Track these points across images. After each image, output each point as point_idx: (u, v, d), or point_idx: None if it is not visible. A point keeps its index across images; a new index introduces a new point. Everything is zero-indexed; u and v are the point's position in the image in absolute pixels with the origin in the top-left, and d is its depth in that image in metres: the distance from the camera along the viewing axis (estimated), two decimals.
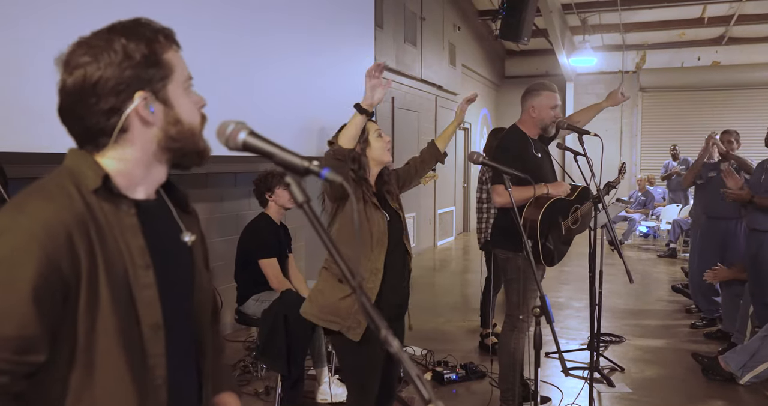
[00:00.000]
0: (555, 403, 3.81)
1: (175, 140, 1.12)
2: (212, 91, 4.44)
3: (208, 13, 4.14)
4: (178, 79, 1.13)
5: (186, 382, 1.21)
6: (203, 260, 1.30)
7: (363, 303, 0.93)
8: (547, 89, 3.49)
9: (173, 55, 1.13)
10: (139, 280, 1.08)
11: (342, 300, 2.47)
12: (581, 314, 5.93)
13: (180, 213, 1.24)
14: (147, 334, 1.08)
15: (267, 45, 4.79)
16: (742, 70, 13.05)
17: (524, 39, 7.94)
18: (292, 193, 0.96)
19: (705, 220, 5.51)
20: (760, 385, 4.08)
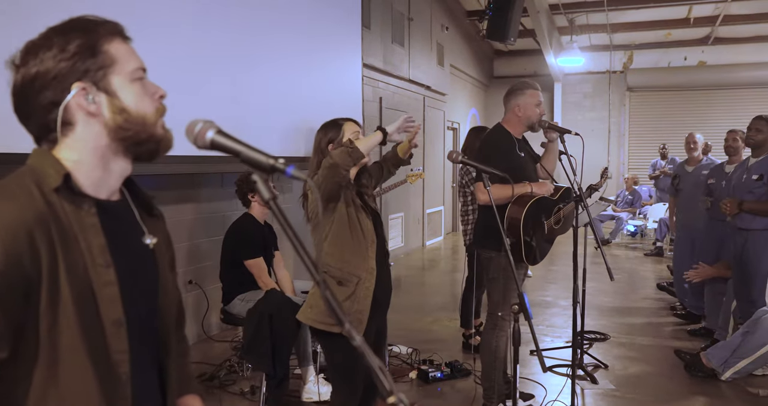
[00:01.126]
0: (538, 400, 3.83)
1: (125, 129, 1.12)
2: (199, 92, 4.46)
3: (195, 13, 4.14)
4: (124, 70, 1.13)
5: (149, 380, 1.22)
6: (168, 263, 1.32)
7: (327, 298, 0.94)
8: (530, 87, 3.52)
9: (117, 46, 1.13)
10: (100, 278, 1.09)
11: (342, 302, 2.52)
12: (567, 312, 5.97)
13: (144, 216, 1.25)
14: (109, 330, 1.09)
15: (254, 45, 4.79)
16: (728, 70, 13.17)
17: (511, 39, 7.98)
18: (259, 190, 0.98)
19: (707, 221, 5.53)
20: (741, 381, 4.12)
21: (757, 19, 11.70)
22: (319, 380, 3.76)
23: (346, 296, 2.53)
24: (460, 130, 12.63)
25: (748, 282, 4.43)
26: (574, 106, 14.25)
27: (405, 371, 4.29)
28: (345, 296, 2.53)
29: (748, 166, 4.54)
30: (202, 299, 4.87)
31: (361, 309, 2.54)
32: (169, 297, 1.27)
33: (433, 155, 10.71)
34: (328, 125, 2.71)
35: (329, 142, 2.64)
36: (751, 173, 4.45)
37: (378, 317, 2.69)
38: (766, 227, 4.35)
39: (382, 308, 2.73)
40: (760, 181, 4.35)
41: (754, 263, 4.39)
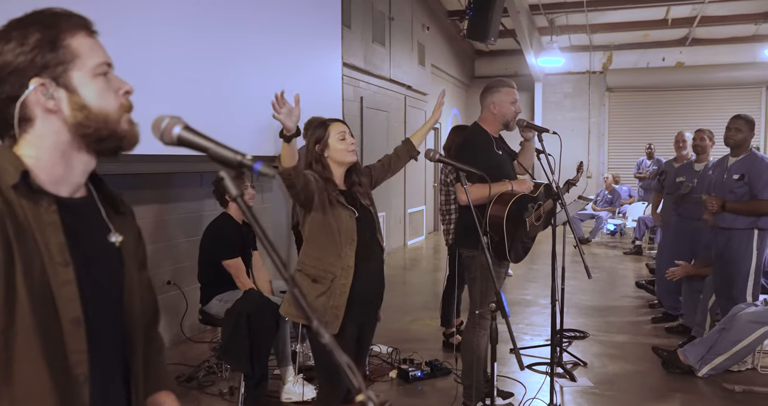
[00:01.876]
0: (518, 397, 3.85)
1: (85, 126, 1.10)
2: (177, 90, 4.42)
3: (172, 11, 4.10)
4: (87, 65, 1.10)
5: (111, 379, 1.20)
6: (138, 262, 1.29)
7: (296, 295, 0.93)
8: (505, 85, 3.52)
9: (81, 40, 1.10)
10: (58, 277, 1.06)
11: (317, 298, 2.57)
12: (547, 311, 5.98)
13: (111, 213, 1.22)
14: (67, 329, 1.06)
15: (233, 44, 4.76)
16: (705, 70, 13.34)
17: (491, 39, 8.01)
18: (226, 187, 0.97)
19: (677, 219, 5.61)
20: (717, 377, 4.17)
21: (733, 20, 11.87)
22: (298, 381, 3.74)
23: (320, 292, 2.58)
24: (441, 130, 12.65)
25: (730, 281, 4.47)
26: (554, 106, 14.34)
27: (385, 370, 4.28)
28: (319, 293, 2.58)
29: (727, 166, 4.56)
30: (180, 300, 4.83)
31: (336, 305, 2.58)
32: (135, 296, 1.25)
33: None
34: (313, 125, 2.76)
35: (316, 142, 2.66)
36: (731, 173, 4.48)
37: (362, 314, 2.71)
38: (747, 226, 4.39)
39: (366, 305, 2.73)
40: (741, 181, 4.40)
41: (736, 262, 4.43)
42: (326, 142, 2.65)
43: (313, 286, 2.59)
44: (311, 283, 2.60)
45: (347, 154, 2.66)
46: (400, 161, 3.10)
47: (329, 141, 2.65)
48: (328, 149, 2.65)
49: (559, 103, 14.44)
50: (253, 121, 4.92)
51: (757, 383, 4.12)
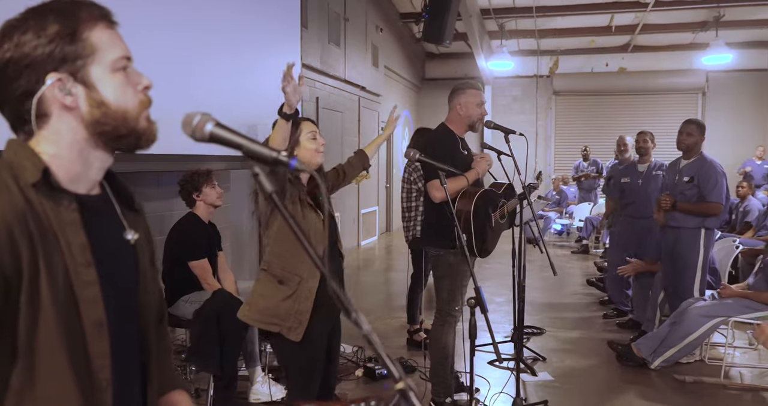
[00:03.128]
0: (483, 393, 3.93)
1: (103, 124, 1.06)
2: None
3: (126, 9, 4.01)
4: (106, 59, 1.05)
5: (130, 382, 1.17)
6: (149, 259, 1.26)
7: (334, 289, 0.95)
8: (472, 87, 3.61)
9: (101, 33, 1.06)
10: (80, 277, 1.03)
11: (283, 301, 2.46)
12: (503, 309, 6.15)
13: (124, 210, 1.20)
14: (90, 332, 1.04)
15: (191, 43, 4.69)
16: (647, 76, 13.88)
17: (447, 41, 8.13)
18: (261, 183, 0.98)
19: (624, 218, 5.83)
20: (669, 368, 4.37)
21: (673, 28, 12.40)
22: (266, 381, 3.73)
23: (286, 295, 2.47)
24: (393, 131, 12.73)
25: (679, 277, 4.69)
26: (503, 109, 14.65)
27: (351, 369, 4.31)
28: (286, 296, 2.47)
29: (679, 169, 4.78)
30: None
31: (301, 309, 2.47)
32: (149, 295, 1.22)
33: None
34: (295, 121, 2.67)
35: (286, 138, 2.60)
36: (682, 175, 4.70)
37: (328, 321, 2.64)
38: (695, 225, 4.61)
39: (331, 311, 2.63)
40: (691, 183, 4.62)
41: (684, 259, 4.64)
42: (297, 139, 2.56)
43: (279, 288, 2.48)
44: (277, 284, 2.49)
45: (316, 154, 2.61)
46: (354, 171, 3.10)
47: (300, 139, 2.57)
48: (299, 147, 2.57)
49: (508, 106, 14.75)
50: None
51: (705, 373, 4.34)
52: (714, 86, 13.80)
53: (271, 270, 2.52)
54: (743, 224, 7.47)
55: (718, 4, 10.29)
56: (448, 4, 7.92)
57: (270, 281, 2.51)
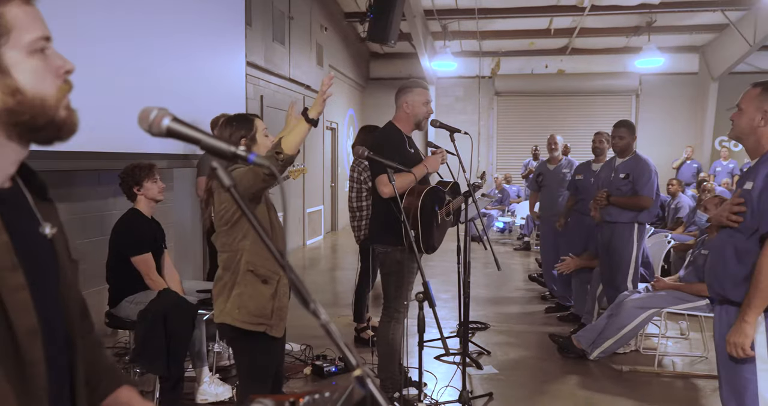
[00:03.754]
0: (430, 387, 4.00)
1: (19, 113, 0.95)
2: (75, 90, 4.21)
3: (68, 7, 3.91)
4: (21, 40, 0.94)
5: (63, 387, 1.10)
6: (66, 252, 1.16)
7: (293, 280, 0.98)
8: (419, 86, 3.68)
9: (17, 10, 0.94)
10: (7, 282, 0.93)
11: (270, 301, 2.50)
12: (449, 305, 6.25)
13: (37, 201, 1.08)
14: (23, 341, 0.95)
15: (134, 41, 4.59)
16: (584, 78, 14.35)
17: (391, 42, 8.20)
18: (219, 177, 0.99)
19: (573, 214, 6.01)
20: (607, 359, 4.55)
21: (608, 32, 12.86)
22: (214, 381, 3.69)
23: (270, 294, 2.50)
24: (338, 130, 12.75)
25: (614, 270, 4.89)
26: (447, 109, 14.85)
27: (299, 367, 4.31)
28: (270, 295, 2.50)
29: (615, 167, 5.01)
30: None
31: (282, 306, 2.54)
32: (71, 289, 1.14)
33: (312, 155, 10.73)
34: (238, 120, 2.65)
35: (242, 136, 2.59)
36: (618, 173, 4.93)
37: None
38: (629, 220, 4.83)
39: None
40: (627, 180, 4.85)
41: (619, 253, 4.85)
42: (254, 137, 2.59)
43: (264, 287, 2.50)
44: (261, 284, 2.50)
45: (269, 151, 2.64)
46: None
47: (257, 136, 2.59)
48: (256, 145, 2.59)
49: (451, 106, 14.97)
50: None
51: (640, 362, 4.54)
52: (647, 89, 14.38)
53: (256, 271, 2.51)
54: (675, 220, 7.82)
55: (650, 9, 10.73)
56: (392, 4, 7.99)
57: (255, 281, 2.51)
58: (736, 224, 2.35)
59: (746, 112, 2.43)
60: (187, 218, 6.03)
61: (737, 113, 2.47)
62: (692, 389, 4.14)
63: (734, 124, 2.50)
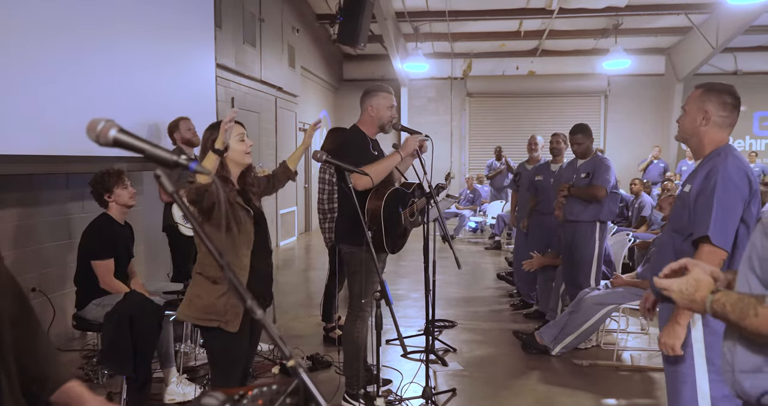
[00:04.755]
0: (395, 384, 4.09)
1: None
2: (44, 90, 4.23)
3: (34, 7, 3.93)
4: None
5: None
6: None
7: (231, 279, 1.06)
8: (384, 90, 3.76)
9: None
10: None
11: (218, 299, 2.64)
12: (418, 304, 6.36)
13: None
14: None
15: (103, 44, 4.61)
16: (554, 79, 14.58)
17: (361, 44, 8.28)
18: (162, 184, 1.07)
19: (534, 215, 6.16)
20: (569, 354, 4.69)
21: (577, 34, 13.09)
22: (182, 381, 3.74)
23: (221, 293, 2.64)
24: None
25: (576, 268, 5.04)
26: (419, 110, 14.98)
27: (267, 366, 4.37)
28: (220, 293, 2.64)
29: (576, 167, 5.19)
30: (47, 307, 4.60)
31: (236, 303, 2.65)
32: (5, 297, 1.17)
33: (285, 156, 10.70)
34: (214, 126, 2.75)
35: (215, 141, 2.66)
36: (579, 172, 5.09)
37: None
38: (590, 219, 4.99)
39: (260, 302, 2.85)
40: (587, 178, 5.01)
41: (581, 251, 5.00)
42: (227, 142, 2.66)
43: (214, 287, 2.65)
44: (211, 284, 2.65)
45: (245, 155, 2.77)
46: (280, 183, 3.29)
47: (230, 142, 2.68)
48: (229, 149, 2.69)
49: (423, 107, 15.10)
50: (124, 122, 4.79)
51: (600, 357, 4.69)
52: (615, 90, 14.65)
53: (205, 273, 2.68)
54: (638, 219, 8.02)
55: (617, 12, 10.96)
56: (362, 7, 8.07)
57: (204, 282, 2.67)
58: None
59: (689, 114, 2.49)
60: (157, 220, 6.04)
61: (682, 115, 2.56)
62: (649, 382, 4.28)
63: (679, 126, 2.58)
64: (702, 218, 2.34)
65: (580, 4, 10.46)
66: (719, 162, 2.39)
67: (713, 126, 2.45)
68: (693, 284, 1.59)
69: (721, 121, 2.45)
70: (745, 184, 2.37)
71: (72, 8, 4.28)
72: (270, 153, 9.89)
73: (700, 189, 2.40)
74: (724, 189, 2.33)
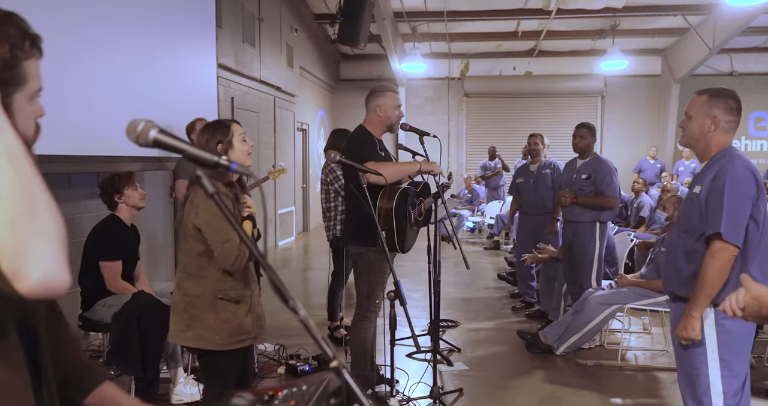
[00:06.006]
0: (402, 384, 4.10)
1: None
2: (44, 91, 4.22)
3: (34, 6, 3.91)
4: (29, 90, 1.05)
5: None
6: None
7: (274, 280, 1.06)
8: (391, 90, 3.76)
9: (33, 64, 1.05)
10: None
11: (246, 317, 2.58)
12: (420, 304, 6.36)
13: None
14: None
15: (105, 44, 4.60)
16: (551, 79, 14.61)
17: (362, 44, 8.28)
18: (203, 185, 1.07)
19: (521, 216, 6.20)
20: (572, 354, 4.71)
21: (574, 35, 13.12)
22: (189, 381, 3.73)
23: (246, 311, 2.58)
24: (309, 132, 12.79)
25: (577, 268, 5.06)
26: (417, 110, 14.99)
27: (273, 367, 4.37)
28: (245, 312, 2.58)
29: (576, 168, 5.19)
30: None
31: (259, 315, 2.64)
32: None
33: (283, 156, 10.76)
34: (215, 126, 2.67)
35: (219, 142, 2.59)
36: (579, 173, 5.10)
37: None
38: (591, 219, 5.01)
39: None
40: (588, 180, 5.02)
41: (582, 251, 5.03)
42: (231, 142, 2.60)
43: (238, 307, 2.56)
44: (235, 305, 2.56)
45: (246, 156, 2.65)
46: None
47: (234, 141, 2.61)
48: (232, 150, 2.59)
49: (421, 107, 15.11)
50: (125, 122, 4.78)
51: (604, 357, 4.71)
52: (612, 90, 14.70)
53: (227, 296, 2.56)
54: (637, 219, 8.05)
55: (615, 13, 11.00)
56: (362, 7, 8.07)
57: (227, 305, 2.56)
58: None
59: (696, 119, 2.54)
60: (159, 220, 6.03)
61: (686, 120, 2.60)
62: (653, 381, 4.30)
63: (684, 131, 2.62)
64: (714, 216, 2.41)
65: (578, 4, 10.49)
66: (726, 163, 2.46)
67: (721, 130, 2.53)
68: (755, 303, 1.63)
69: (728, 126, 2.53)
70: (752, 183, 2.44)
71: (72, 8, 4.26)
72: (269, 153, 9.88)
73: (710, 189, 2.46)
74: (732, 188, 2.40)
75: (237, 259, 2.44)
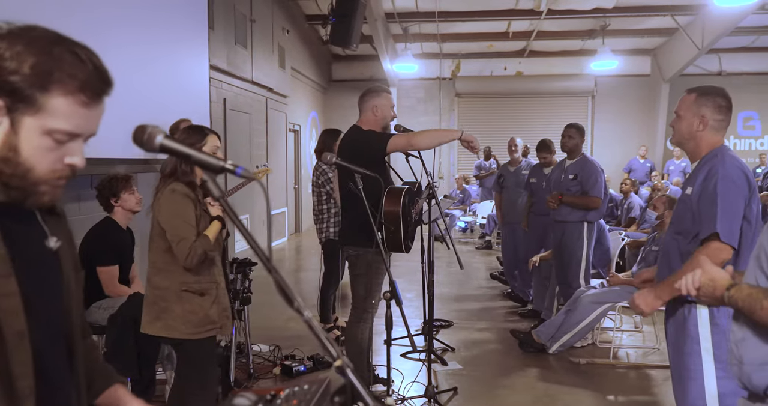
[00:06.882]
0: (397, 383, 4.12)
1: (2, 164, 1.04)
2: None
3: (33, 9, 3.91)
4: (46, 123, 1.04)
5: (60, 389, 1.19)
6: (72, 263, 1.25)
7: (279, 281, 1.08)
8: (386, 91, 3.81)
9: (61, 102, 1.04)
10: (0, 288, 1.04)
11: (210, 308, 2.72)
12: (414, 304, 6.39)
13: (45, 216, 1.18)
14: (11, 342, 1.05)
15: (96, 45, 4.59)
16: (541, 80, 14.69)
17: (354, 45, 8.31)
18: (209, 189, 1.09)
19: (531, 216, 6.23)
20: (565, 352, 4.75)
21: (564, 35, 13.20)
22: None
23: (210, 302, 2.72)
24: (301, 132, 12.79)
25: (566, 267, 5.12)
26: (408, 110, 15.01)
27: (268, 367, 4.38)
28: (210, 303, 2.72)
29: (564, 168, 5.24)
30: None
31: (225, 307, 2.77)
32: (74, 300, 1.23)
33: (275, 157, 10.77)
34: (194, 130, 2.77)
35: (191, 144, 2.64)
36: (567, 173, 5.15)
37: None
38: (578, 219, 5.06)
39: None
40: (575, 180, 5.07)
41: (570, 251, 5.08)
42: (200, 148, 2.67)
43: (203, 299, 2.71)
44: (200, 297, 2.70)
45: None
46: None
47: (203, 149, 2.64)
48: None
49: (412, 108, 15.15)
50: (117, 124, 4.78)
51: (596, 355, 4.76)
52: (602, 90, 14.79)
53: (191, 288, 2.71)
54: (628, 219, 8.12)
55: (604, 14, 11.08)
56: (354, 8, 8.09)
57: (192, 297, 2.71)
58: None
59: (685, 118, 2.52)
60: (149, 222, 6.03)
61: (676, 120, 2.58)
62: (645, 379, 4.36)
63: (675, 131, 2.61)
64: (707, 217, 2.38)
65: (568, 5, 10.55)
66: (717, 163, 2.43)
67: (710, 130, 2.50)
68: (710, 284, 1.64)
69: (717, 125, 2.51)
70: (744, 183, 2.41)
71: (65, 9, 4.26)
72: (260, 154, 9.88)
73: (701, 190, 2.43)
74: (725, 188, 2.37)
75: (188, 256, 2.60)
